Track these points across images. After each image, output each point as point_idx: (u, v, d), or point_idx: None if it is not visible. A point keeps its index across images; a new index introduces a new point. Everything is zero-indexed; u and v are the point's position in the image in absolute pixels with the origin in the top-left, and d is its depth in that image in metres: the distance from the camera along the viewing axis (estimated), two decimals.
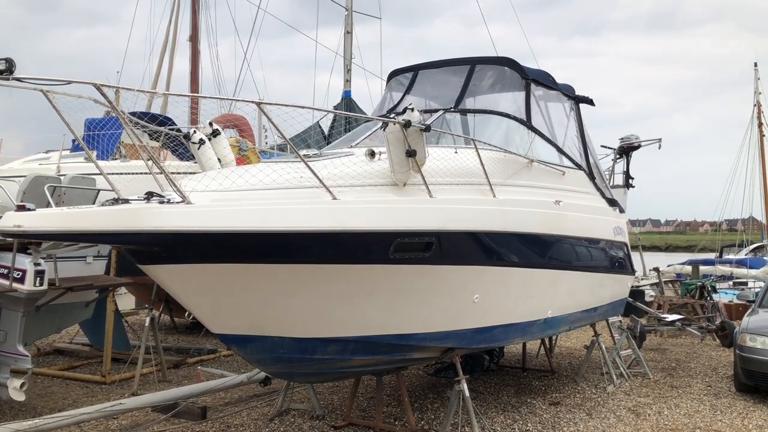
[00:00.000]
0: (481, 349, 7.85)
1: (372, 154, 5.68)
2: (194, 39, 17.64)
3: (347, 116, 13.54)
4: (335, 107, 16.19)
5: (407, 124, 5.12)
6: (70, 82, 4.07)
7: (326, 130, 15.29)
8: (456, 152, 6.23)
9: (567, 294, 7.71)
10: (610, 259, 8.80)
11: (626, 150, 12.00)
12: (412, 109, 5.23)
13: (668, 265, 23.27)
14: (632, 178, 12.07)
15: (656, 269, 16.41)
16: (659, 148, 12.67)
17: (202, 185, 4.71)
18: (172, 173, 4.85)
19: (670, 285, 17.96)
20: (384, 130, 5.27)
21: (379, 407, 6.95)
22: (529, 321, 7.08)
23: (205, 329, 12.49)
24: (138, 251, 4.60)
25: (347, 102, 16.59)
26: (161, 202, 4.44)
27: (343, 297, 5.33)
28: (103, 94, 4.16)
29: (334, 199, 4.91)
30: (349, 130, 12.24)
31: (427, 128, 5.26)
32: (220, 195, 4.74)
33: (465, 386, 6.37)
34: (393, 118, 5.24)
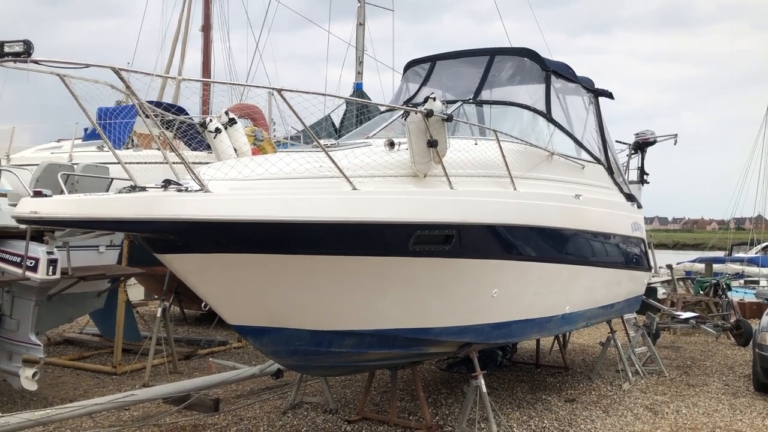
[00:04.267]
0: (498, 344, 7.76)
1: (391, 144, 5.58)
2: (207, 29, 17.54)
3: (365, 104, 13.45)
4: (347, 100, 16.09)
5: (429, 114, 5.01)
6: (88, 66, 3.97)
7: (336, 124, 15.22)
8: (476, 144, 6.12)
9: (585, 290, 7.60)
10: (627, 255, 8.67)
11: (641, 145, 11.84)
12: (434, 99, 5.11)
13: (678, 263, 23.09)
14: (647, 174, 11.92)
15: (669, 266, 16.25)
16: (675, 143, 12.51)
17: (221, 174, 4.61)
18: (192, 163, 4.77)
19: (681, 283, 17.79)
20: (405, 119, 5.16)
21: (393, 402, 6.85)
22: (547, 317, 6.97)
23: (216, 321, 12.46)
24: (154, 240, 4.51)
25: (359, 94, 16.48)
26: (179, 190, 4.35)
27: (360, 289, 5.23)
28: (122, 79, 4.07)
29: (354, 189, 4.81)
30: (360, 124, 12.13)
31: (449, 118, 5.15)
32: (238, 184, 4.65)
33: (482, 382, 6.26)
34: (415, 107, 5.12)
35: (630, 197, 9.16)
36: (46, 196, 4.08)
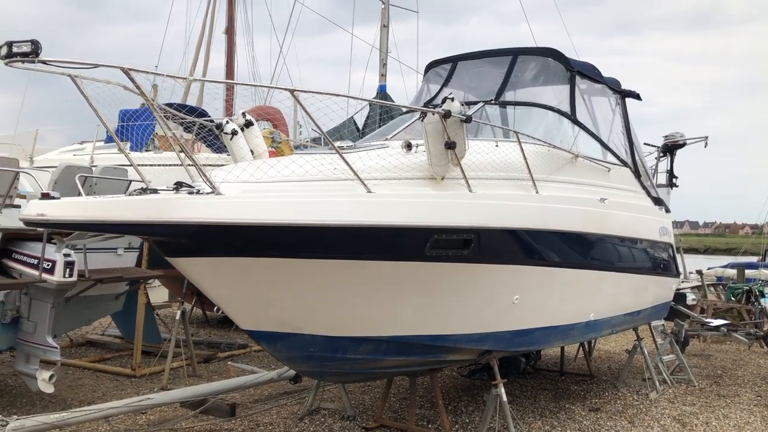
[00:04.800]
0: (520, 352, 7.57)
1: (409, 146, 5.44)
2: (230, 31, 17.56)
3: (383, 105, 13.34)
4: (370, 102, 16.01)
5: (447, 115, 4.87)
6: (97, 66, 3.91)
7: (360, 126, 15.13)
8: (497, 145, 5.97)
9: (610, 296, 7.38)
10: (654, 260, 8.42)
11: (670, 148, 11.54)
12: (452, 99, 4.97)
13: (708, 268, 22.58)
14: (676, 177, 11.62)
15: (699, 272, 15.86)
16: (705, 146, 12.17)
17: (233, 176, 4.52)
18: (205, 165, 4.69)
19: (712, 289, 17.36)
20: (422, 120, 5.03)
21: (412, 409, 6.70)
22: (571, 324, 6.77)
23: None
24: (165, 243, 4.43)
25: (382, 97, 16.37)
26: (190, 193, 4.27)
27: (375, 295, 5.10)
28: (131, 79, 3.99)
29: (369, 192, 4.69)
30: (383, 125, 11.99)
31: (468, 119, 5.00)
32: (250, 186, 4.56)
33: (503, 391, 6.10)
34: (432, 108, 4.98)
35: (658, 201, 8.91)
36: (54, 198, 4.02)
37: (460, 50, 8.11)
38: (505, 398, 6.09)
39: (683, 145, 11.53)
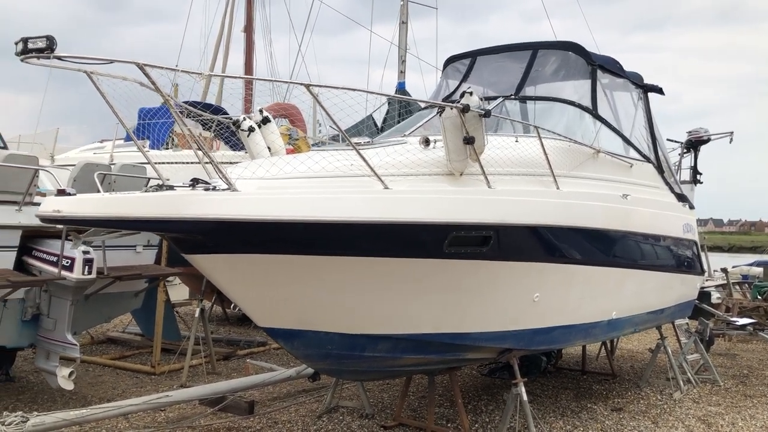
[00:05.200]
0: (540, 350, 7.47)
1: (426, 141, 5.37)
2: (249, 30, 17.60)
3: (402, 103, 13.26)
4: (389, 100, 15.94)
5: (465, 109, 4.78)
6: (112, 61, 3.88)
7: (380, 123, 15.05)
8: (517, 141, 5.86)
9: (633, 294, 7.24)
10: (678, 257, 8.26)
11: (694, 144, 11.33)
12: (471, 93, 4.89)
13: (733, 266, 22.20)
14: (700, 174, 11.41)
15: (724, 270, 15.59)
16: (731, 142, 11.95)
17: (249, 172, 4.49)
18: (222, 162, 4.66)
19: (737, 287, 17.05)
20: (440, 115, 4.95)
21: (431, 408, 6.64)
22: (592, 322, 6.65)
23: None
24: (182, 240, 4.41)
25: (401, 94, 16.28)
26: (206, 189, 4.24)
27: (393, 292, 5.04)
28: (147, 75, 3.97)
29: (386, 188, 4.62)
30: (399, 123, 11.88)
31: (487, 114, 4.92)
32: (266, 183, 4.52)
33: (523, 390, 6.01)
34: (450, 103, 4.90)
35: (681, 197, 8.74)
36: (69, 194, 4.01)
37: (481, 45, 8.00)
38: (525, 397, 6.00)
39: (707, 140, 11.32)
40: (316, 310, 4.93)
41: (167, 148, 10.47)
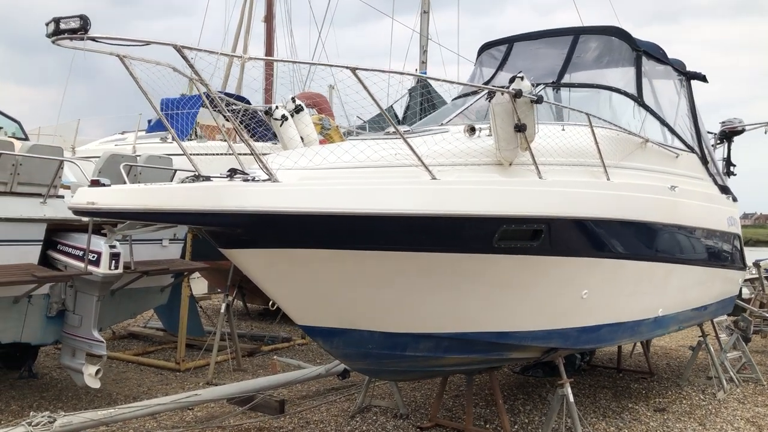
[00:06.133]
0: (586, 349, 7.20)
1: (472, 129, 5.10)
2: (269, 19, 17.34)
3: (430, 96, 12.97)
4: (410, 90, 15.66)
5: (517, 94, 4.50)
6: (148, 43, 3.64)
7: (400, 115, 14.77)
8: (563, 129, 5.57)
9: (678, 290, 6.94)
10: (722, 252, 7.94)
11: (728, 135, 10.98)
12: (522, 78, 4.60)
13: (762, 260, 21.66)
14: (734, 166, 11.05)
15: (756, 264, 15.15)
16: (766, 132, 11.58)
17: (290, 162, 4.23)
18: (247, 154, 4.42)
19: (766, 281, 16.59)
20: (489, 101, 4.66)
21: (469, 408, 6.37)
22: (639, 320, 6.36)
23: (280, 316, 12.19)
24: (220, 233, 4.16)
25: (423, 85, 16.00)
26: (246, 180, 3.99)
27: (440, 289, 4.78)
28: (185, 57, 3.72)
29: (434, 179, 4.36)
30: (424, 114, 11.58)
31: (539, 99, 4.64)
32: (309, 173, 4.27)
33: (569, 391, 5.74)
34: (500, 87, 4.61)
35: (724, 189, 8.41)
36: (104, 185, 3.76)
37: (495, 38, 7.71)
38: (572, 398, 5.73)
39: (742, 131, 10.95)
40: (358, 308, 4.68)
41: (191, 140, 10.25)
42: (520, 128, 4.61)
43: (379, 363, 5.11)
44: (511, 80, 4.63)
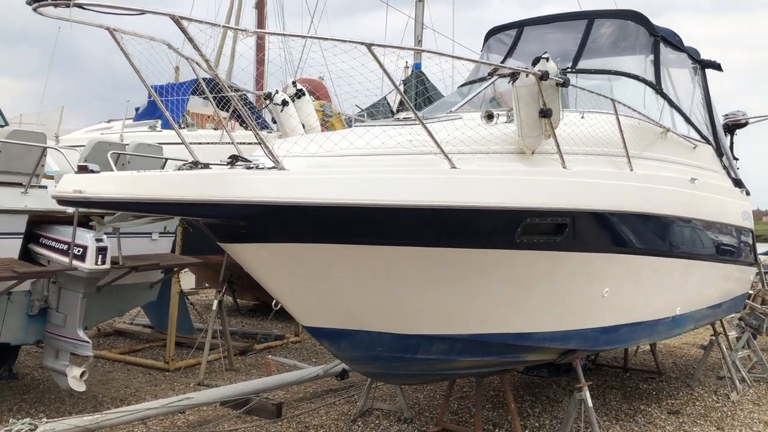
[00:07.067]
0: (604, 350, 6.88)
1: (490, 116, 4.73)
2: (260, 5, 16.89)
3: (427, 87, 12.62)
4: (404, 81, 15.28)
5: (544, 76, 4.15)
6: (143, 12, 3.25)
7: (394, 107, 14.39)
8: (582, 117, 5.23)
9: (695, 288, 6.64)
10: (737, 248, 7.64)
11: (731, 128, 10.71)
12: (547, 59, 4.25)
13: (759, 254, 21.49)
14: (737, 159, 10.82)
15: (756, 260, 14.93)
16: None
17: (298, 148, 3.86)
18: (242, 143, 4.06)
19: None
20: (513, 83, 4.30)
21: (478, 413, 6.02)
22: (657, 319, 6.05)
23: (272, 313, 11.78)
24: (220, 226, 3.78)
25: (417, 75, 15.63)
26: (248, 168, 3.61)
27: (456, 288, 4.43)
28: (183, 29, 3.33)
29: (453, 167, 4.00)
30: (419, 107, 11.16)
31: (566, 82, 4.29)
32: (317, 161, 3.90)
33: (588, 395, 5.41)
34: (525, 69, 4.25)
35: (738, 182, 8.11)
36: (93, 172, 3.36)
37: (482, 32, 7.37)
38: (590, 403, 5.40)
39: (745, 124, 10.68)
40: (368, 308, 4.32)
41: (181, 128, 9.80)
42: (545, 113, 4.26)
43: (388, 366, 4.76)
44: (535, 61, 4.28)
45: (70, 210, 5.49)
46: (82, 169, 3.32)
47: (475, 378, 6.12)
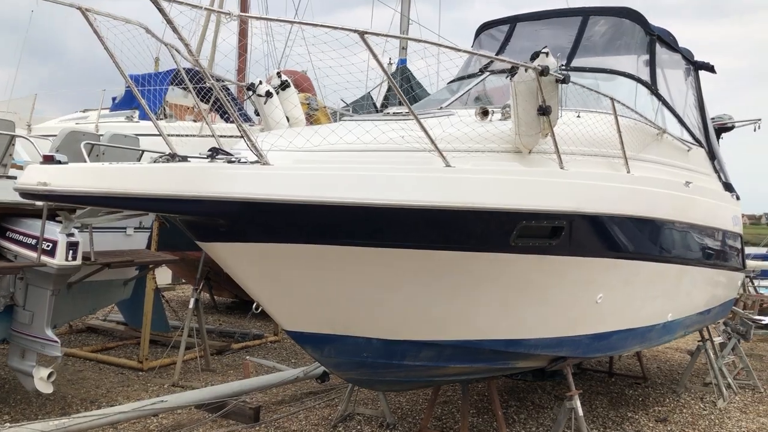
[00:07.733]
0: (595, 358, 6.71)
1: (485, 112, 4.53)
2: None
3: (412, 82, 12.40)
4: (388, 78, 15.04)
5: (544, 72, 3.95)
6: None
7: (378, 103, 14.17)
8: (578, 116, 5.03)
9: (686, 294, 6.51)
10: (727, 253, 7.52)
11: (717, 131, 10.64)
12: (547, 54, 4.05)
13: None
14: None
15: None
16: (756, 129, 11.25)
17: (284, 142, 3.62)
18: (222, 136, 3.82)
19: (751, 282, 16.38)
20: (511, 79, 4.09)
21: (464, 420, 5.81)
22: (649, 326, 5.89)
23: (252, 311, 11.51)
24: (198, 224, 3.52)
25: (402, 71, 15.40)
26: (230, 161, 3.37)
27: (447, 292, 4.22)
28: (161, 10, 3.07)
29: (448, 166, 3.78)
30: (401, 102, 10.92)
31: (566, 79, 4.09)
32: (304, 156, 3.66)
33: (578, 403, 5.25)
34: (525, 63, 4.04)
35: (729, 186, 7.99)
36: (60, 162, 3.08)
37: (466, 33, 7.19)
38: (581, 412, 5.24)
39: (732, 128, 10.60)
40: (355, 313, 4.10)
41: (159, 119, 9.50)
42: (544, 111, 4.06)
43: (373, 373, 4.56)
44: (534, 56, 4.07)
45: (39, 203, 5.19)
46: (48, 159, 3.05)
47: (461, 384, 5.92)
